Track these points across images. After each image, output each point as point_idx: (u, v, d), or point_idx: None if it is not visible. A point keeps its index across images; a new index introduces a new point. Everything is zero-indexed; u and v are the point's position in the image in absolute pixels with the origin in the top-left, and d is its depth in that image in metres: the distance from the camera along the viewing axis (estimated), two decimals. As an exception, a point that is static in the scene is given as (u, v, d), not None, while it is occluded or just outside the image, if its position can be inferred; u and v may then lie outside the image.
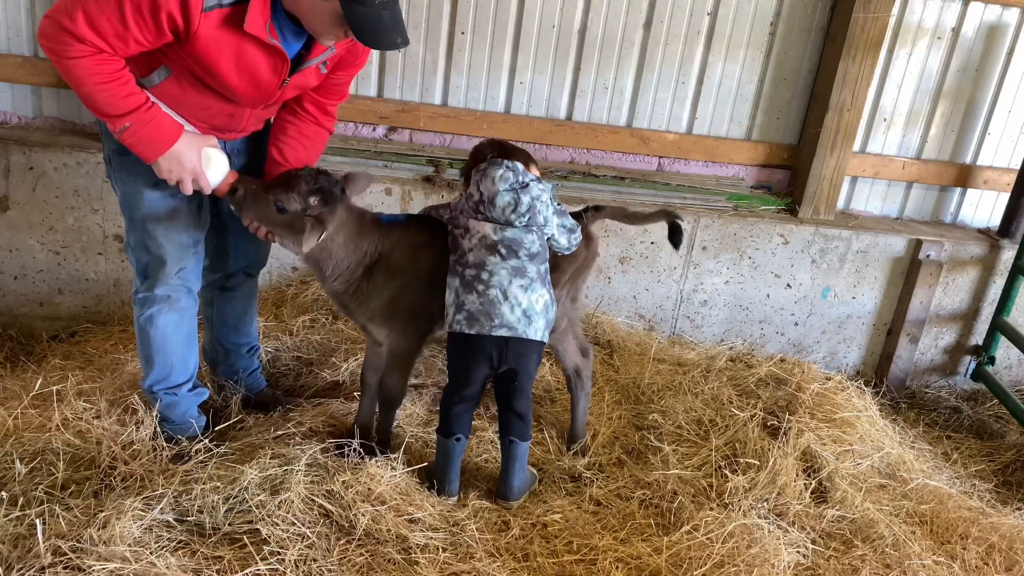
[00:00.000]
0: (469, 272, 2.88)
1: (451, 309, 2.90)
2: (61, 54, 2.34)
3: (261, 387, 3.50)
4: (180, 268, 2.90)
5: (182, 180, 2.65)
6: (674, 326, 4.61)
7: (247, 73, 2.57)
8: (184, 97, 2.64)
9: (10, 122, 4.17)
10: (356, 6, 2.38)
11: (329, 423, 3.25)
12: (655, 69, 4.46)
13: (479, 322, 2.85)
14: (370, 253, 2.93)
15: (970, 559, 2.97)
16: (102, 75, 2.39)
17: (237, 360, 3.41)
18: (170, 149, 2.57)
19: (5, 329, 4.09)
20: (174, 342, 2.98)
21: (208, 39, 2.43)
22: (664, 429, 3.49)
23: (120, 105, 2.45)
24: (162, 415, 3.07)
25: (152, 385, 3.03)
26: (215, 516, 2.62)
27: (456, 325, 2.87)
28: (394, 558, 2.58)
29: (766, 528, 2.86)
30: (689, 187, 4.59)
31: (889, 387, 4.67)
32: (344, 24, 2.44)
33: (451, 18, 4.25)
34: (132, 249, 2.92)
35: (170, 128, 2.58)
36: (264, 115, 2.90)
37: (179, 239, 2.87)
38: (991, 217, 4.97)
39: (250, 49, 2.51)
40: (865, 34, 4.27)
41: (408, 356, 3.05)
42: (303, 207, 2.73)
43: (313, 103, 2.92)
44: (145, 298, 2.92)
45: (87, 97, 2.44)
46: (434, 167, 4.30)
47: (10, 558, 2.37)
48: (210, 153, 2.70)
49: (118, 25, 2.31)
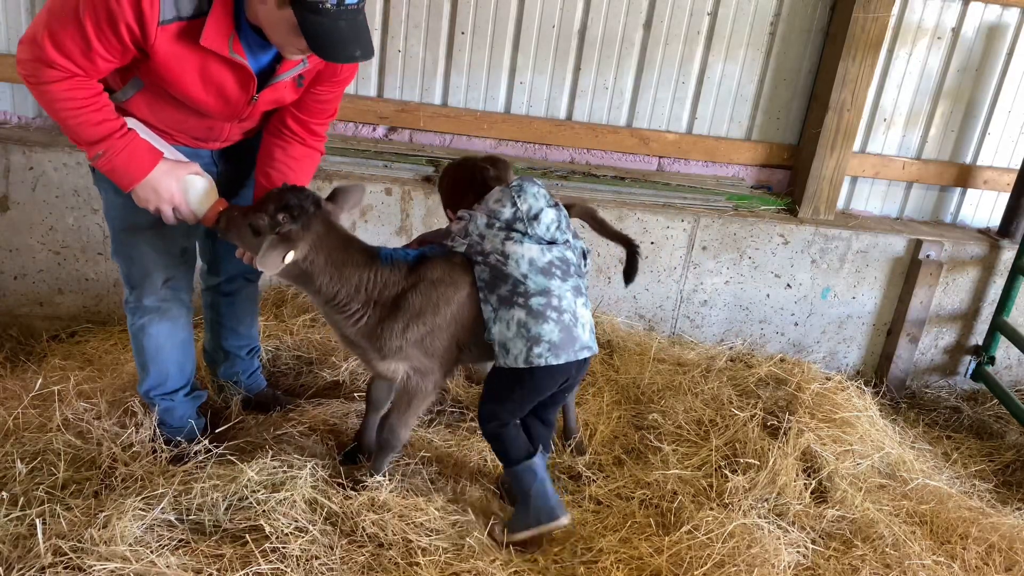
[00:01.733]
0: (536, 301, 2.65)
1: (519, 342, 2.64)
2: (34, 80, 2.31)
3: (261, 387, 3.47)
4: (168, 278, 2.84)
5: (161, 210, 2.56)
6: (674, 326, 4.61)
7: (214, 88, 2.49)
8: (159, 110, 2.58)
9: (10, 122, 4.17)
10: (309, 15, 2.26)
11: (328, 423, 3.25)
12: (655, 69, 4.46)
13: (565, 350, 2.67)
14: (369, 288, 2.68)
15: (970, 559, 2.97)
16: (75, 100, 2.34)
17: (237, 362, 3.38)
18: (145, 178, 2.49)
19: (5, 329, 4.09)
20: (168, 349, 2.93)
21: (167, 54, 2.35)
22: (664, 429, 3.49)
23: (92, 132, 2.40)
24: (160, 419, 3.04)
25: (148, 391, 3.00)
26: (215, 514, 2.61)
27: (538, 359, 2.64)
28: (396, 559, 2.58)
29: (766, 528, 2.86)
30: (689, 187, 4.59)
31: (889, 387, 4.67)
32: (301, 34, 2.32)
33: (451, 18, 4.25)
34: (117, 259, 2.85)
35: (146, 155, 2.49)
36: (245, 126, 2.79)
37: (166, 249, 2.80)
38: (991, 217, 4.97)
39: (213, 64, 2.43)
40: (865, 34, 4.27)
41: (425, 399, 2.84)
42: (272, 225, 2.54)
43: (297, 122, 2.79)
44: (135, 308, 2.87)
45: (61, 123, 2.39)
46: (434, 167, 4.30)
47: (10, 558, 2.37)
48: (193, 181, 2.59)
49: (81, 43, 2.26)
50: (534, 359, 2.65)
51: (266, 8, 2.33)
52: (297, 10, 2.27)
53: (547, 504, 2.75)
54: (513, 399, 2.77)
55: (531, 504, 2.75)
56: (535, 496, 2.75)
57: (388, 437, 2.87)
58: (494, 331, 2.70)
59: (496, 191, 2.76)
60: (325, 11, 2.25)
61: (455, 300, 2.74)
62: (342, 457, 3.05)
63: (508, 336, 2.67)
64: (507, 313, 2.67)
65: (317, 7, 2.25)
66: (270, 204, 2.56)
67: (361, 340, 2.75)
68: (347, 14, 2.29)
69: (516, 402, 2.78)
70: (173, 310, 2.89)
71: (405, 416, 2.84)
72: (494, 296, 2.70)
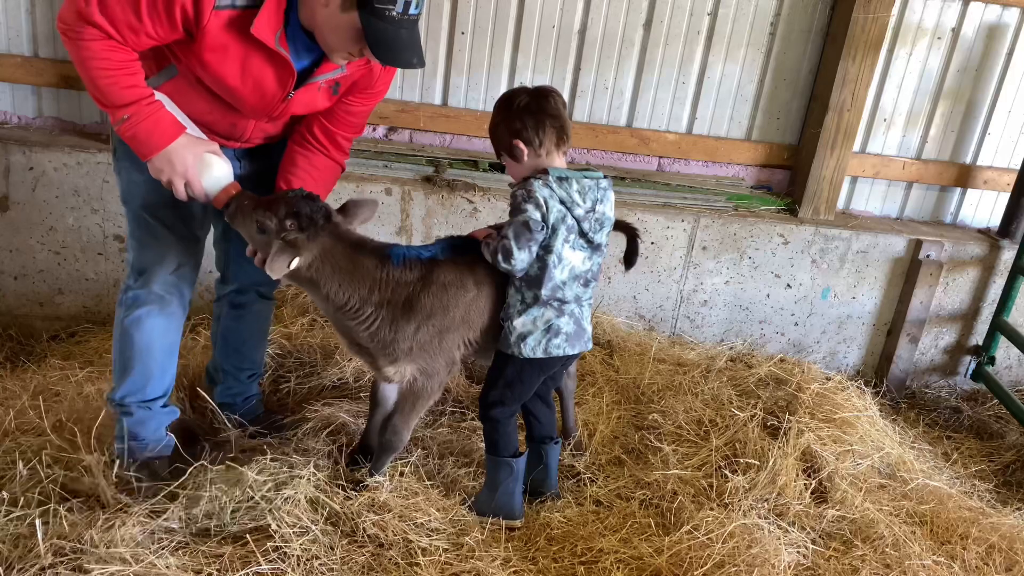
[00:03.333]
0: (569, 308, 2.76)
1: (538, 335, 2.73)
2: (72, 35, 2.31)
3: (258, 414, 3.28)
4: (178, 265, 2.81)
5: (173, 183, 2.54)
6: (674, 326, 4.61)
7: (251, 80, 2.51)
8: (187, 100, 2.59)
9: (10, 122, 4.17)
10: (376, 20, 2.33)
11: (329, 423, 3.25)
12: (655, 69, 4.46)
13: (578, 341, 2.81)
14: (381, 290, 2.68)
15: (970, 559, 2.97)
16: (109, 61, 2.34)
17: (234, 384, 3.24)
18: (166, 148, 2.48)
19: (5, 329, 4.09)
20: (158, 349, 2.83)
21: (215, 39, 2.39)
22: (664, 429, 3.49)
23: (121, 95, 2.39)
24: (131, 432, 2.84)
25: (125, 397, 2.83)
26: (222, 518, 2.59)
27: (557, 350, 2.76)
28: (396, 560, 2.58)
29: (766, 528, 2.86)
30: (689, 187, 4.59)
31: (889, 387, 4.67)
32: (361, 40, 2.38)
33: (451, 18, 4.25)
34: (131, 244, 2.81)
35: (169, 127, 2.49)
36: (268, 129, 2.79)
37: (181, 232, 2.79)
38: (991, 217, 4.97)
39: (256, 56, 2.46)
40: (865, 34, 4.27)
41: (430, 399, 2.87)
42: (279, 229, 2.57)
43: (324, 132, 2.80)
44: (136, 296, 2.79)
45: (91, 82, 2.38)
46: (434, 167, 4.30)
47: (11, 558, 2.37)
48: (210, 160, 2.59)
49: (132, 17, 2.29)
50: (553, 350, 2.75)
51: (328, 11, 2.38)
52: (363, 16, 2.33)
53: (509, 503, 2.88)
54: (523, 383, 2.83)
55: (497, 496, 2.88)
56: (503, 492, 2.87)
57: (391, 438, 2.87)
58: (516, 322, 2.75)
59: (580, 178, 2.68)
60: (390, 18, 2.33)
61: (463, 303, 2.76)
62: (347, 459, 3.04)
63: (529, 329, 2.74)
64: (537, 311, 2.73)
65: (384, 14, 2.32)
66: (282, 207, 2.58)
67: (371, 344, 2.75)
68: (408, 23, 2.37)
69: (525, 385, 2.84)
70: (174, 304, 2.83)
71: (408, 417, 2.85)
72: (531, 293, 2.73)
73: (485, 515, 2.87)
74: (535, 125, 2.65)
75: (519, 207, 2.63)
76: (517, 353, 2.76)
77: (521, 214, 2.61)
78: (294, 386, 3.59)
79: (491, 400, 2.85)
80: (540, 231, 2.62)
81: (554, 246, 2.67)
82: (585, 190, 2.67)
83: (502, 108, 2.73)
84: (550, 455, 3.05)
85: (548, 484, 3.08)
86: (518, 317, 2.74)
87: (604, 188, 2.73)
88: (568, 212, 2.65)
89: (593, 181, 2.70)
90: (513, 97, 2.70)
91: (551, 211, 2.63)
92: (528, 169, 2.71)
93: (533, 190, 2.61)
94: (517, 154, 2.69)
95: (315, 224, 2.59)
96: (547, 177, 2.63)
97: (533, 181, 2.63)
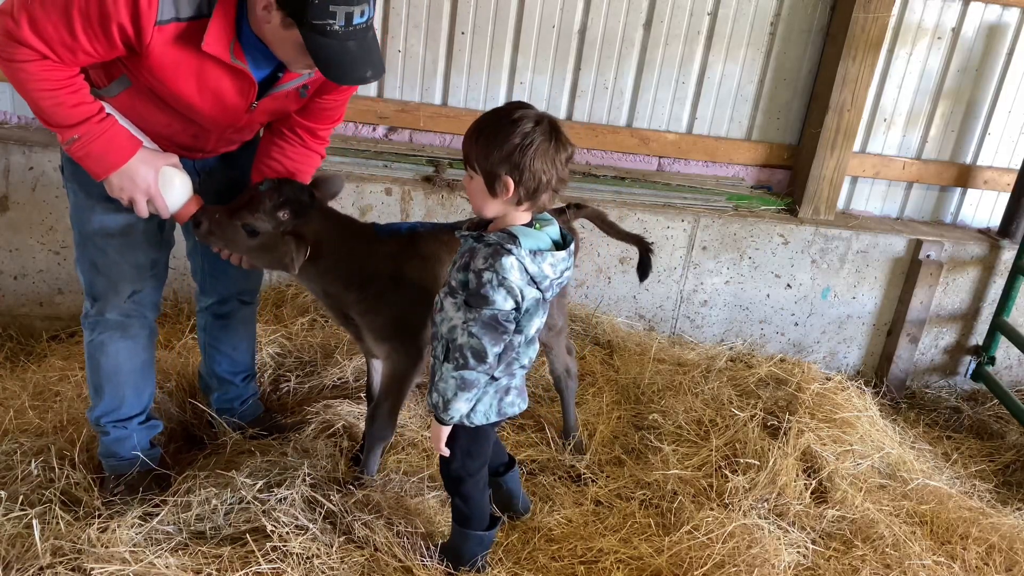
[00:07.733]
0: (520, 371, 2.42)
1: (488, 400, 2.37)
2: (5, 55, 2.14)
3: (257, 414, 3.25)
4: (134, 291, 2.66)
5: (135, 200, 2.40)
6: (674, 326, 4.61)
7: (210, 93, 2.34)
8: (145, 111, 2.42)
9: (10, 122, 4.17)
10: (317, 36, 2.13)
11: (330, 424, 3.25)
12: (655, 69, 4.46)
13: (524, 391, 2.50)
14: (372, 262, 2.68)
15: (970, 559, 2.97)
16: (49, 81, 2.17)
17: (231, 389, 3.18)
18: (124, 165, 2.32)
19: (5, 329, 4.09)
20: (126, 372, 2.72)
21: (162, 55, 2.21)
22: (664, 429, 3.49)
23: (68, 115, 2.23)
24: (109, 450, 2.79)
25: (100, 417, 2.76)
26: (216, 520, 2.59)
27: (511, 408, 2.43)
28: (393, 559, 2.57)
29: (766, 528, 2.86)
30: (689, 187, 4.59)
31: (889, 387, 4.67)
32: (308, 54, 2.20)
33: (451, 18, 4.25)
34: (81, 267, 2.65)
35: (124, 143, 2.33)
36: (235, 138, 2.67)
37: (135, 259, 2.62)
38: (991, 217, 4.97)
39: (212, 69, 2.29)
40: (865, 34, 4.26)
41: (407, 378, 2.78)
42: (274, 224, 2.50)
43: (300, 126, 2.67)
44: (95, 322, 2.68)
45: (32, 104, 2.22)
46: (434, 167, 4.30)
47: (9, 557, 2.37)
48: (170, 173, 2.45)
49: (65, 35, 2.11)
50: (506, 408, 2.43)
51: (271, 27, 2.22)
52: (304, 32, 2.15)
53: (472, 569, 2.61)
54: (481, 446, 2.51)
55: (461, 559, 2.60)
56: (467, 562, 2.60)
57: (375, 427, 2.83)
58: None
59: (552, 250, 2.25)
60: (333, 33, 2.13)
61: (443, 275, 2.72)
62: (351, 458, 3.03)
63: (480, 396, 2.37)
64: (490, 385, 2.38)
65: (325, 29, 2.13)
66: (265, 202, 2.51)
67: (362, 319, 2.76)
68: (356, 34, 2.17)
69: (483, 448, 2.53)
70: (135, 327, 2.71)
71: (389, 400, 2.80)
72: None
73: (446, 567, 2.61)
74: (543, 184, 2.19)
75: (486, 296, 2.17)
76: (468, 423, 2.40)
77: (487, 305, 2.17)
78: (294, 386, 3.58)
79: (455, 476, 2.53)
80: (512, 320, 2.22)
81: (524, 328, 2.29)
82: (557, 262, 2.25)
83: (510, 132, 2.15)
84: (509, 482, 2.86)
85: (518, 506, 2.92)
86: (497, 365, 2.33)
87: (571, 252, 2.31)
88: (538, 289, 2.24)
89: (566, 252, 2.28)
90: (528, 130, 2.17)
91: (525, 298, 2.22)
92: (493, 210, 2.23)
93: (506, 277, 2.15)
94: (498, 188, 2.17)
95: (305, 205, 2.56)
96: (519, 250, 2.16)
97: (503, 260, 2.15)
